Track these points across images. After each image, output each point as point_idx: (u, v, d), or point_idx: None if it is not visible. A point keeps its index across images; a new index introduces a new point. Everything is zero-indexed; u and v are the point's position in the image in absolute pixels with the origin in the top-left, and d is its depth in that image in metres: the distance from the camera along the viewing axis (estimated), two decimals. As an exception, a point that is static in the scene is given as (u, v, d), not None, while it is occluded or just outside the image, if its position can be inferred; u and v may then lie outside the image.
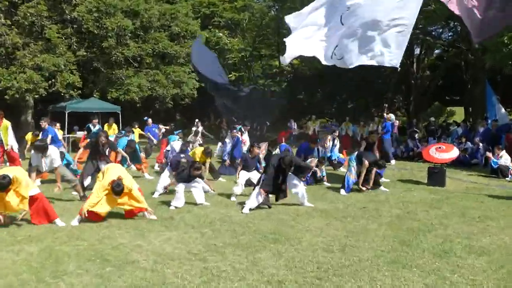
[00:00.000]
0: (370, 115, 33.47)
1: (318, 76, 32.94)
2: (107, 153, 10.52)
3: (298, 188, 9.34)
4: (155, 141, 18.60)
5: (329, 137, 14.78)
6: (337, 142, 14.96)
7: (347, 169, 11.23)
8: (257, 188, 8.91)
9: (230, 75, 32.05)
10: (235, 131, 14.86)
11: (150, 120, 19.37)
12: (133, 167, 12.73)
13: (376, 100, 34.34)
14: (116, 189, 7.53)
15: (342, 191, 10.83)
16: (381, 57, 8.60)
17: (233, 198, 9.99)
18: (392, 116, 18.74)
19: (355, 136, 23.57)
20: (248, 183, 10.61)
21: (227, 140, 14.92)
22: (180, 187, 9.16)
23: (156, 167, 14.82)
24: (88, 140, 12.95)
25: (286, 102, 26.41)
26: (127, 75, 23.66)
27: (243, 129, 15.87)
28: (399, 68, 9.74)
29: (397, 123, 22.59)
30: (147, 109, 29.28)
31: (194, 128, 20.13)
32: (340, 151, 15.78)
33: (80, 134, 19.69)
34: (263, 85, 33.88)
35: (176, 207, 8.99)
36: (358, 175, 11.00)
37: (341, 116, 28.94)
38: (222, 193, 10.60)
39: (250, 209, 8.79)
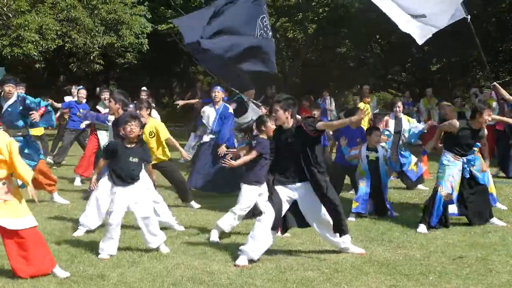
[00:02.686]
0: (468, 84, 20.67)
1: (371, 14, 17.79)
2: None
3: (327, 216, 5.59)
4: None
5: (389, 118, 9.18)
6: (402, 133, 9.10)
7: (438, 181, 6.83)
8: (261, 219, 5.53)
9: None
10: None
11: (75, 89, 12.04)
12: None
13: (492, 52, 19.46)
14: None
15: (422, 228, 6.64)
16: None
17: (213, 239, 6.23)
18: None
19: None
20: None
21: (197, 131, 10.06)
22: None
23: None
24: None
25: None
26: (17, 9, 14.80)
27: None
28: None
29: None
30: (53, 73, 21.15)
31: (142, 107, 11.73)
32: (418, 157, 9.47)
33: None
34: (277, 28, 23.13)
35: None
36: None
37: (418, 87, 19.38)
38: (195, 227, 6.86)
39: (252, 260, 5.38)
